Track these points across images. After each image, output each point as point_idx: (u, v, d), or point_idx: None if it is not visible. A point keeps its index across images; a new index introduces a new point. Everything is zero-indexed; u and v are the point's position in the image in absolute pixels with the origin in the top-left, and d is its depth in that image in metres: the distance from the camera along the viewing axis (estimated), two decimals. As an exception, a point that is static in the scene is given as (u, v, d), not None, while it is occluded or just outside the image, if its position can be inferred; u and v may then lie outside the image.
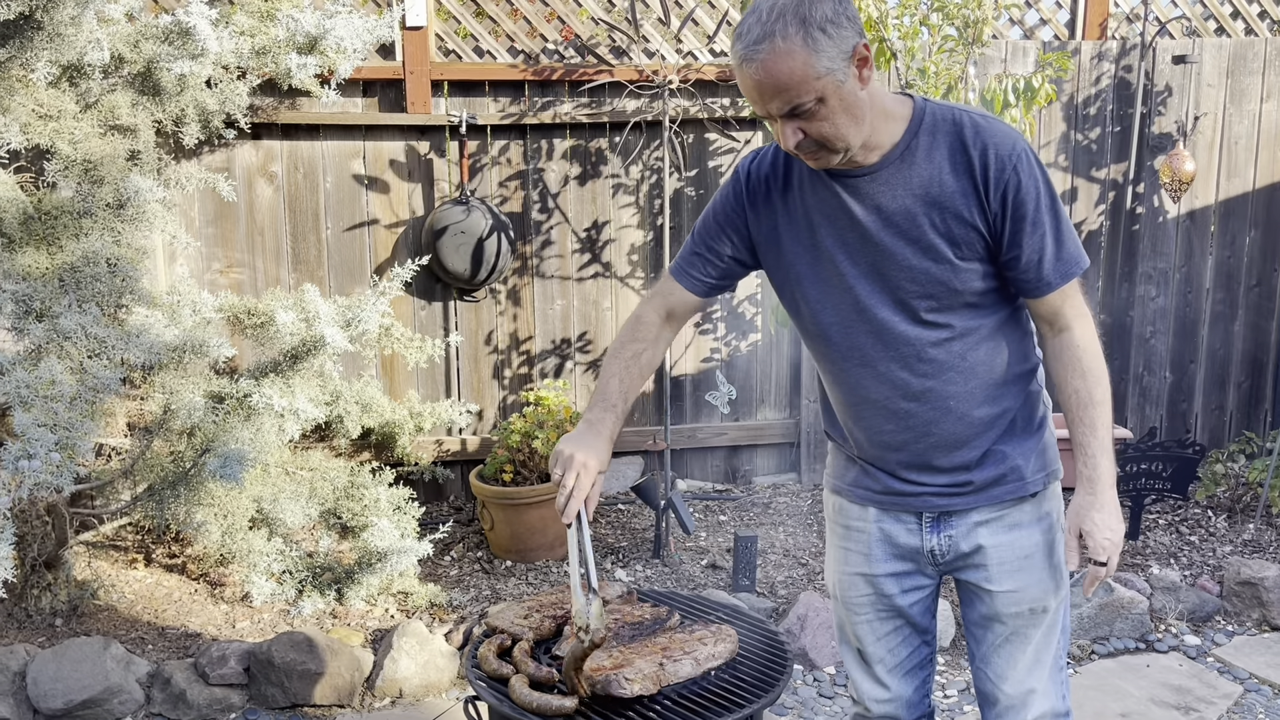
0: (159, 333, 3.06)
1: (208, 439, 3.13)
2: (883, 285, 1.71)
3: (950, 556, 1.86)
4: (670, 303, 1.93)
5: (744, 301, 4.60)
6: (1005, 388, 1.78)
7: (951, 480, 1.81)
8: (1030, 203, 1.64)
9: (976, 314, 1.73)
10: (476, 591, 3.69)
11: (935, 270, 1.68)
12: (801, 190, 1.76)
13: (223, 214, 4.16)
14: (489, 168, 4.33)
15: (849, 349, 1.78)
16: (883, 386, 1.77)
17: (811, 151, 1.62)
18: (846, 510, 1.95)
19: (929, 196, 1.66)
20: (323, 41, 3.54)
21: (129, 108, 3.35)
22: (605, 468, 1.88)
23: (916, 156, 1.66)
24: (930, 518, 1.85)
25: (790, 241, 1.79)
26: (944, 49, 3.90)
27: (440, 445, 4.39)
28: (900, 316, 1.72)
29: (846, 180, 1.69)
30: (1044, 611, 1.85)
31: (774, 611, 3.52)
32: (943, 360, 1.73)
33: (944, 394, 1.75)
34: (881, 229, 1.68)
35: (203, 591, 3.62)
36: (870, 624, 1.96)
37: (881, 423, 1.81)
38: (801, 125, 1.57)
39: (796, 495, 4.59)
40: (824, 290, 1.77)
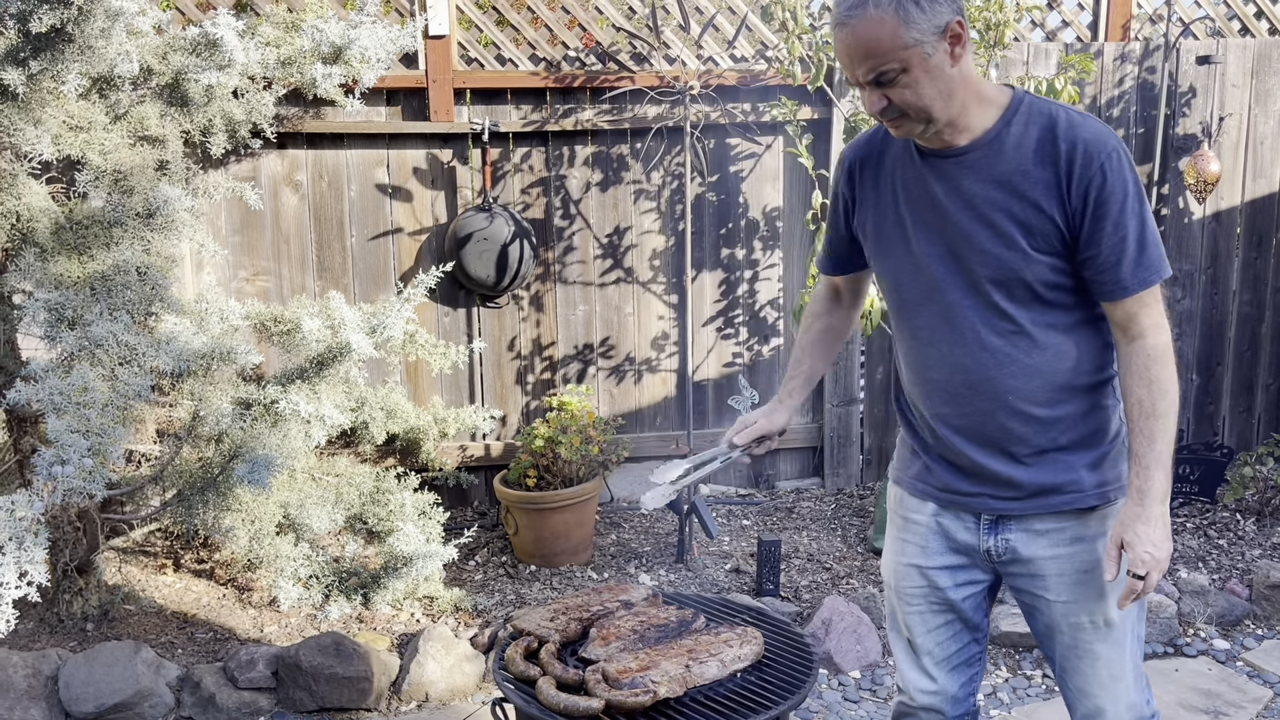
0: (187, 340, 3.10)
1: (235, 445, 3.17)
2: (957, 267, 1.74)
3: (1007, 558, 1.86)
4: (836, 284, 2.07)
5: (766, 306, 4.60)
6: (1071, 393, 1.76)
7: (1006, 477, 1.80)
8: (1114, 203, 1.64)
9: (1047, 311, 1.72)
10: (501, 596, 3.70)
11: (1007, 257, 1.69)
12: (892, 169, 1.81)
13: (249, 223, 4.21)
14: (511, 175, 4.36)
15: (919, 327, 1.82)
16: (945, 367, 1.79)
17: (894, 119, 1.66)
18: (906, 502, 1.97)
19: (1011, 184, 1.67)
20: (347, 51, 3.58)
21: (157, 119, 3.40)
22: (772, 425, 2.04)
23: (1005, 144, 1.68)
24: (989, 520, 1.85)
25: (878, 218, 1.84)
26: (965, 52, 3.89)
27: (464, 451, 4.42)
28: (970, 301, 1.74)
29: (934, 161, 1.74)
30: (1107, 626, 1.82)
31: (798, 616, 3.52)
32: (1005, 352, 1.74)
33: (1003, 386, 1.75)
34: (960, 211, 1.71)
35: (231, 596, 3.65)
36: (921, 615, 1.97)
37: (941, 404, 1.83)
38: (886, 92, 1.62)
39: (820, 500, 4.58)
40: (902, 266, 1.81)
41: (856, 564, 3.95)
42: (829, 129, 4.41)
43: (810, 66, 4.06)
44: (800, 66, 4.10)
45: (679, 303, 4.54)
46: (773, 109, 4.26)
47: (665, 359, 4.58)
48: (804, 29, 3.96)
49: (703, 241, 4.51)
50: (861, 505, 4.50)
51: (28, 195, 3.04)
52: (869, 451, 4.71)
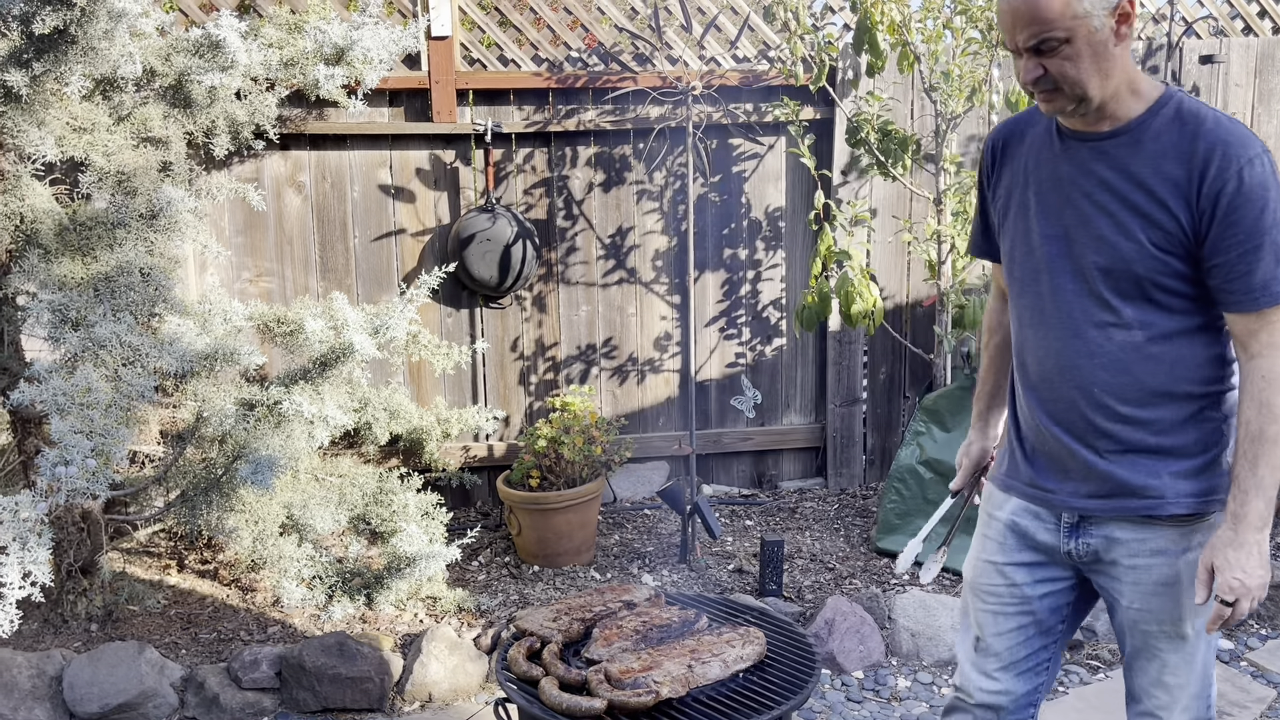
0: (191, 341, 3.10)
1: (239, 446, 3.17)
2: (1069, 251, 1.72)
3: (1088, 559, 1.84)
4: (999, 283, 2.04)
5: (769, 306, 4.60)
6: (1167, 399, 1.71)
7: (1088, 470, 1.76)
8: (1248, 210, 1.59)
9: (1152, 310, 1.68)
10: (504, 596, 3.71)
11: (1123, 247, 1.66)
12: (1030, 148, 1.81)
13: (252, 224, 4.21)
14: (514, 175, 4.36)
15: (1023, 308, 1.82)
16: (1040, 350, 1.78)
17: (1047, 92, 1.64)
18: (993, 498, 1.97)
19: (1141, 177, 1.65)
20: (349, 53, 3.59)
21: (161, 120, 3.40)
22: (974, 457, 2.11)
23: (1145, 137, 1.66)
24: (1069, 522, 1.82)
25: (1007, 197, 1.84)
26: (968, 52, 3.89)
27: (468, 451, 4.42)
28: (1075, 286, 1.72)
29: (1072, 144, 1.73)
30: (1180, 637, 1.78)
31: (801, 616, 3.51)
32: (1099, 343, 1.71)
33: (1091, 378, 1.72)
34: (1085, 196, 1.70)
35: (235, 597, 3.66)
36: (994, 615, 1.94)
37: (1035, 388, 1.81)
38: (1044, 62, 1.60)
39: (823, 500, 4.58)
40: (1018, 246, 1.81)
41: (859, 564, 3.94)
42: (831, 129, 4.41)
43: (813, 66, 4.06)
44: (802, 66, 4.10)
45: (681, 303, 4.54)
46: (775, 109, 4.26)
47: (668, 359, 4.58)
48: (806, 29, 3.96)
49: (705, 242, 4.51)
50: (865, 505, 4.50)
51: (31, 197, 3.04)
52: (872, 452, 4.71)
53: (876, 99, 4.07)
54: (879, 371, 4.66)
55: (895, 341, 4.58)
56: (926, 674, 3.32)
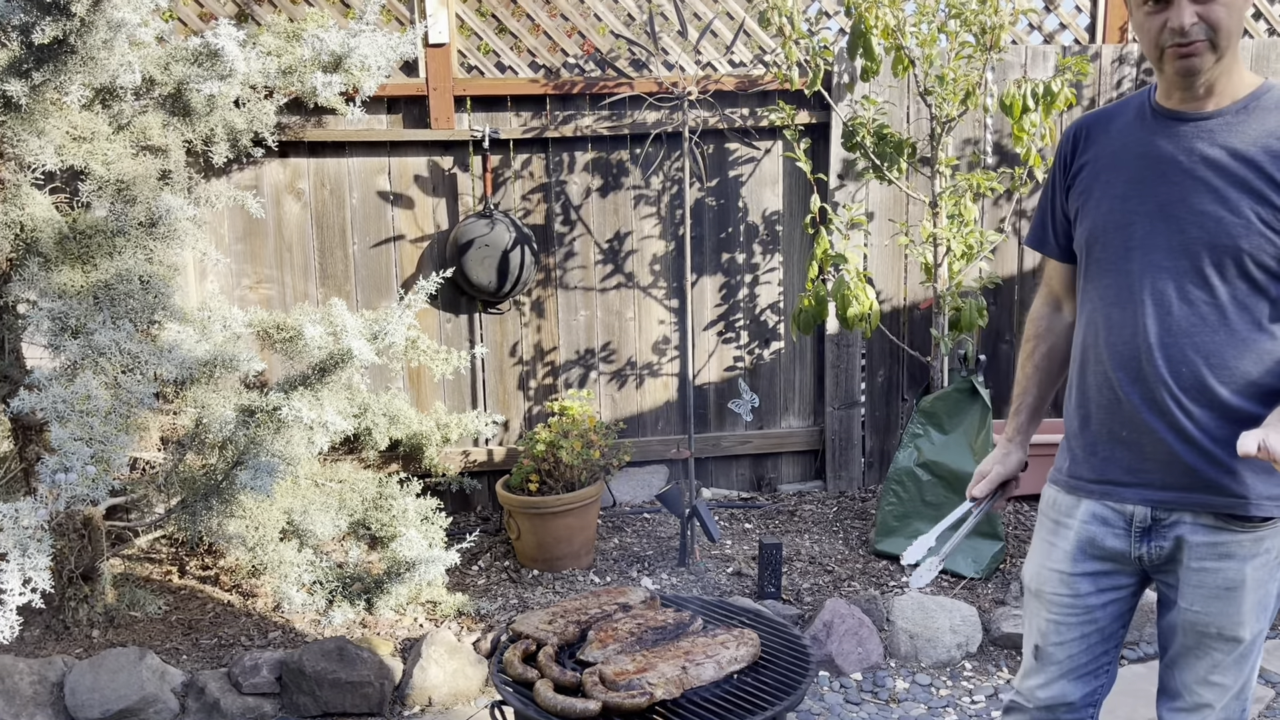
0: (190, 348, 3.12)
1: (239, 452, 3.19)
2: (1166, 228, 1.70)
3: (1161, 561, 1.80)
4: (1051, 286, 2.00)
5: (766, 310, 4.62)
6: (1255, 389, 1.68)
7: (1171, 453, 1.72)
8: None
9: (1251, 293, 1.66)
10: (504, 600, 3.72)
11: (1229, 222, 1.65)
12: (1120, 131, 1.80)
13: (252, 231, 4.23)
14: (512, 181, 4.38)
15: (1107, 286, 1.77)
16: (1127, 329, 1.74)
17: (1193, 42, 1.62)
18: (1059, 503, 1.91)
19: (1247, 155, 1.65)
20: (347, 60, 3.61)
21: (160, 128, 3.43)
22: (1007, 469, 2.03)
23: (1251, 117, 1.67)
24: (1140, 527, 1.79)
25: (1091, 177, 1.82)
26: (962, 55, 3.91)
27: (467, 456, 4.44)
28: (1171, 263, 1.69)
29: (1170, 123, 1.72)
30: (1235, 641, 1.77)
31: (799, 618, 3.53)
32: (1194, 322, 1.68)
33: (1183, 356, 1.69)
34: (1186, 171, 1.68)
35: (235, 602, 3.68)
36: (1057, 624, 1.91)
37: (1118, 369, 1.76)
38: (1199, 9, 1.60)
39: (822, 503, 4.59)
40: (1104, 223, 1.77)
41: (858, 566, 3.96)
42: (827, 133, 4.42)
43: (808, 71, 4.08)
44: (798, 71, 4.12)
45: (679, 307, 4.55)
46: (771, 113, 4.27)
47: (666, 363, 4.60)
48: (801, 34, 3.98)
49: (703, 246, 4.53)
50: (863, 508, 4.51)
51: (31, 206, 3.07)
52: (870, 454, 4.72)
53: (872, 103, 4.09)
54: (877, 374, 4.68)
55: (893, 344, 4.59)
56: (925, 675, 3.33)
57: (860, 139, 4.05)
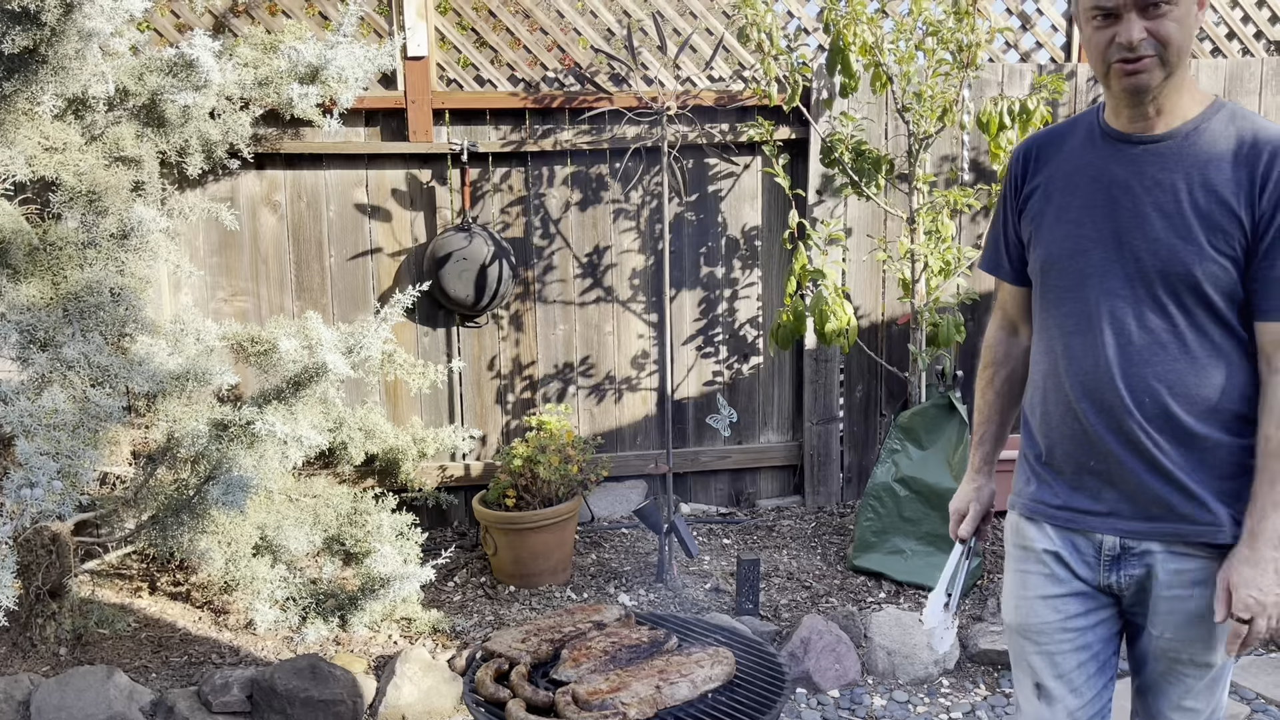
0: (162, 361, 3.09)
1: (211, 466, 3.15)
2: (1121, 254, 1.67)
3: (1132, 590, 1.76)
4: (1006, 310, 1.96)
5: (745, 325, 4.62)
6: (1214, 415, 1.66)
7: (1138, 483, 1.69)
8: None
9: (1207, 318, 1.64)
10: (480, 617, 3.68)
11: (1182, 249, 1.61)
12: (1071, 153, 1.76)
13: (227, 243, 4.20)
14: (490, 195, 4.37)
15: (1066, 315, 1.74)
16: (1089, 358, 1.70)
17: (1142, 58, 1.59)
18: (1024, 531, 1.86)
19: (1200, 178, 1.62)
20: (324, 72, 3.59)
21: (133, 139, 3.40)
22: (983, 503, 2.01)
23: (1202, 138, 1.64)
24: (1110, 555, 1.74)
25: (1043, 202, 1.78)
26: (939, 72, 3.93)
27: (444, 471, 4.40)
28: (1128, 291, 1.66)
29: (1121, 146, 1.69)
30: (1207, 666, 1.74)
31: (777, 635, 3.51)
32: (1153, 349, 1.66)
33: (1144, 385, 1.66)
34: (1139, 197, 1.66)
35: (206, 619, 3.62)
36: (1050, 656, 1.84)
37: (1080, 398, 1.72)
38: (1148, 24, 1.57)
39: (800, 518, 4.58)
40: (1059, 250, 1.74)
41: (836, 582, 3.94)
42: (806, 149, 4.44)
43: (787, 87, 4.09)
44: (777, 87, 4.13)
45: (659, 321, 4.55)
46: (750, 129, 4.28)
47: (645, 378, 4.58)
48: (780, 50, 4.00)
49: (682, 260, 4.53)
50: (842, 523, 4.50)
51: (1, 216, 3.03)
52: (849, 470, 4.72)
53: (850, 119, 4.10)
54: (855, 389, 4.68)
55: (871, 360, 4.60)
56: (902, 692, 3.32)
57: (839, 155, 4.06)
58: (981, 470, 1.99)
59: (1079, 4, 1.63)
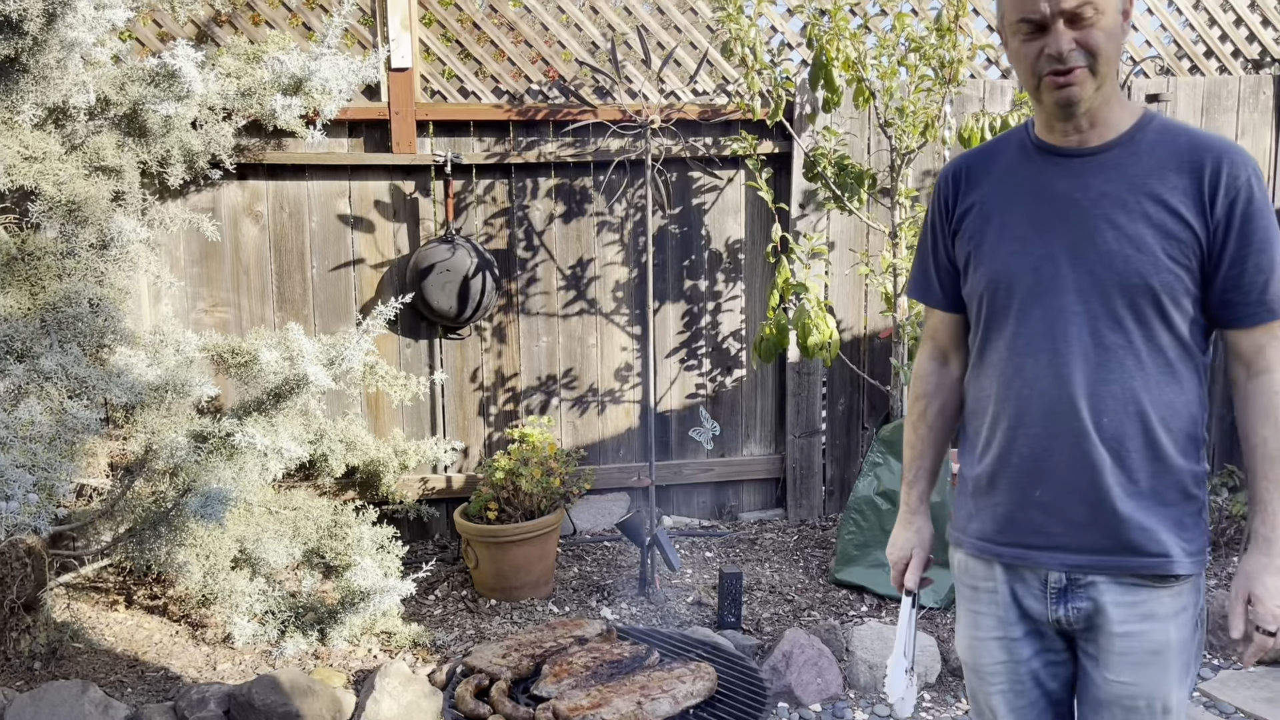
0: (141, 372, 3.06)
1: (190, 479, 3.12)
2: (1074, 269, 1.61)
3: (1079, 626, 1.69)
4: (937, 339, 1.89)
5: (729, 338, 4.62)
6: (1166, 435, 1.62)
7: (1089, 516, 1.63)
8: (1261, 220, 1.56)
9: (1163, 332, 1.60)
10: (460, 631, 3.66)
11: (1137, 260, 1.57)
12: (1005, 170, 1.72)
13: (208, 253, 4.17)
14: (474, 206, 4.36)
15: (1016, 335, 1.67)
16: (1043, 379, 1.64)
17: (1072, 69, 1.55)
18: (971, 569, 1.79)
19: (1147, 187, 1.58)
20: (308, 83, 3.58)
21: (114, 149, 3.38)
22: (925, 545, 1.90)
23: (1140, 147, 1.61)
24: (1056, 588, 1.68)
25: (981, 220, 1.72)
26: (921, 88, 3.96)
27: (425, 483, 4.38)
28: (1082, 306, 1.61)
29: (1059, 160, 1.65)
30: (1165, 712, 1.65)
31: (759, 648, 3.50)
32: (1109, 367, 1.60)
33: (1100, 405, 1.61)
34: (1087, 210, 1.61)
35: (184, 633, 3.59)
36: (1005, 695, 1.77)
37: (1032, 423, 1.66)
38: (1076, 34, 1.54)
39: (783, 531, 4.58)
40: (1004, 269, 1.67)
41: (818, 596, 3.94)
42: (789, 163, 4.45)
43: (770, 101, 4.11)
44: (760, 101, 4.15)
45: (642, 334, 4.55)
46: (733, 143, 4.30)
47: (628, 390, 4.58)
48: (763, 65, 4.02)
49: (665, 273, 4.53)
50: (824, 537, 4.51)
51: (-21, 226, 3.00)
52: (831, 482, 4.73)
53: (833, 134, 4.12)
54: (838, 403, 4.69)
55: (853, 373, 4.61)
56: (884, 707, 3.32)
57: (821, 169, 4.07)
58: (918, 511, 1.90)
59: (1005, 18, 1.60)
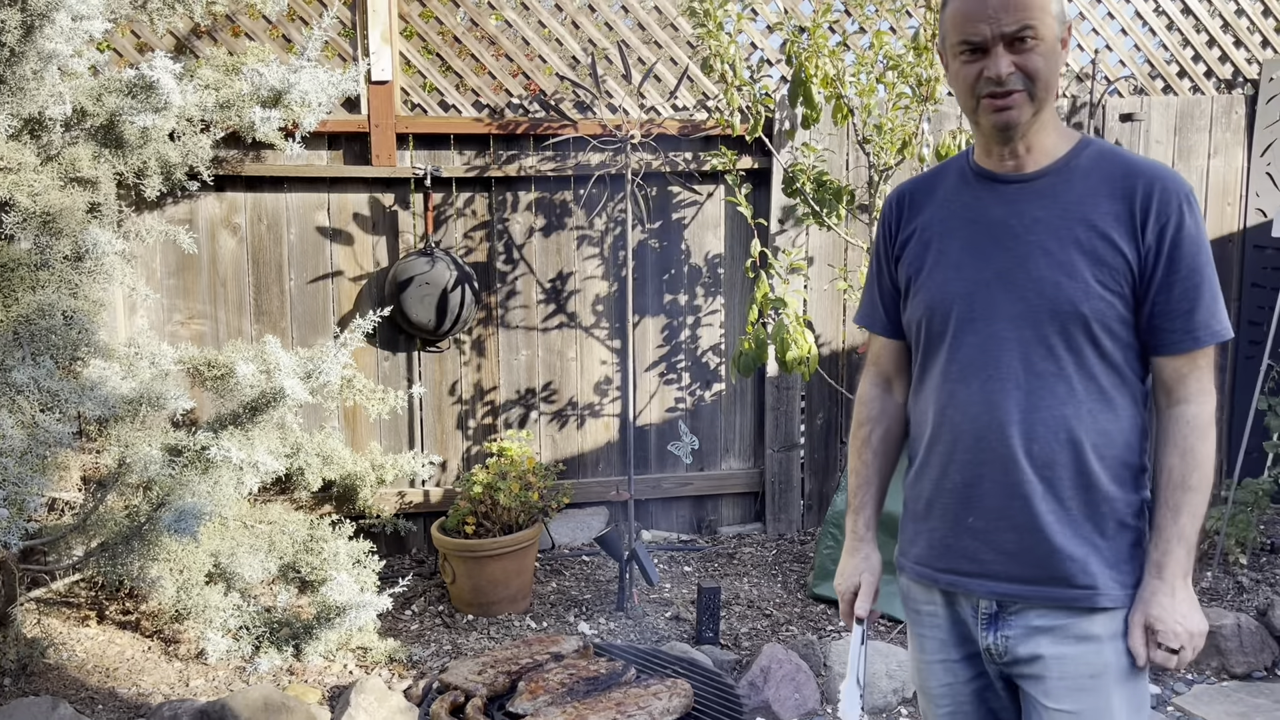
0: (115, 385, 3.04)
1: (164, 493, 3.09)
2: (1007, 296, 1.61)
3: (1008, 659, 1.67)
4: (881, 365, 1.88)
5: (708, 352, 4.63)
6: (1100, 462, 1.60)
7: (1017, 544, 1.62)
8: (1191, 246, 1.55)
9: (1097, 360, 1.59)
10: (437, 646, 3.64)
11: (1068, 287, 1.57)
12: (945, 197, 1.73)
13: (185, 265, 4.15)
14: (454, 219, 4.36)
15: (950, 360, 1.66)
16: (974, 405, 1.63)
17: (1011, 92, 1.56)
18: (913, 594, 1.80)
19: (1080, 213, 1.58)
20: (287, 95, 3.57)
21: (90, 160, 3.35)
22: (874, 572, 1.87)
23: (1075, 173, 1.61)
24: (986, 614, 1.67)
25: (920, 247, 1.73)
26: (899, 106, 3.99)
27: (403, 497, 4.36)
28: (1015, 334, 1.60)
29: (996, 186, 1.66)
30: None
31: (737, 664, 3.50)
32: (1040, 395, 1.59)
33: (1031, 432, 1.59)
34: (1020, 236, 1.61)
35: (156, 649, 3.55)
36: (952, 717, 1.77)
37: (962, 450, 1.65)
38: (1016, 59, 1.54)
39: (761, 545, 4.59)
40: (941, 295, 1.68)
41: (796, 610, 3.95)
42: (768, 179, 4.48)
43: (749, 117, 4.13)
44: (740, 117, 4.17)
45: (621, 348, 4.55)
46: (713, 158, 4.32)
47: (608, 404, 4.58)
48: (743, 81, 4.04)
49: (645, 287, 4.54)
50: (802, 551, 4.51)
51: (-49, 237, 2.97)
52: (810, 497, 4.74)
53: (812, 150, 4.15)
54: (816, 417, 4.71)
55: (832, 387, 4.63)
56: (861, 722, 3.32)
57: (800, 185, 4.10)
58: (865, 539, 1.88)
59: (945, 40, 1.61)
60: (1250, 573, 4.14)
